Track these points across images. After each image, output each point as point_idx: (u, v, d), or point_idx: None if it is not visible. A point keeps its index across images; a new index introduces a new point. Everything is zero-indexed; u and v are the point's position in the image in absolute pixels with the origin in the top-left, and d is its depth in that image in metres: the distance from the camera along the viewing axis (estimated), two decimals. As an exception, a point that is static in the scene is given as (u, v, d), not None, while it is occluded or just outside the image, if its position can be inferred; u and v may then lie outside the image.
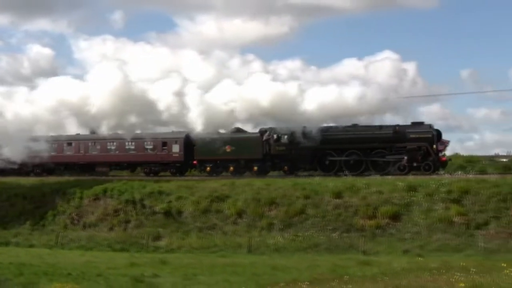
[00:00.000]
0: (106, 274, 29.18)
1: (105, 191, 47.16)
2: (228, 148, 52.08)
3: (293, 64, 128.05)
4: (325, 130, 50.73)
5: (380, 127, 50.09)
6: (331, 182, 44.25)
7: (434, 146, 47.71)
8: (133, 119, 51.60)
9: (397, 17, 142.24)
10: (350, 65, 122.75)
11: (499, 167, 57.26)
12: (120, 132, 54.29)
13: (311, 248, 38.29)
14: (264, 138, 52.26)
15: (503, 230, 37.52)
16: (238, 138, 53.20)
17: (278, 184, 45.36)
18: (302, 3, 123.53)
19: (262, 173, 51.83)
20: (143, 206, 44.97)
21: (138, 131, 53.81)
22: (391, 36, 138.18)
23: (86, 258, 35.83)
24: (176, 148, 55.29)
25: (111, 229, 43.89)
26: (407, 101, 59.10)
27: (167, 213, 43.78)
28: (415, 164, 47.72)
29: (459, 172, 45.83)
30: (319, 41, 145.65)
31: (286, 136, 51.34)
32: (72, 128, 56.96)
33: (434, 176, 44.76)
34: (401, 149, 48.44)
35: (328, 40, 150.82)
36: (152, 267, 32.06)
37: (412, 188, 41.40)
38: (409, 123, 50.09)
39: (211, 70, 54.81)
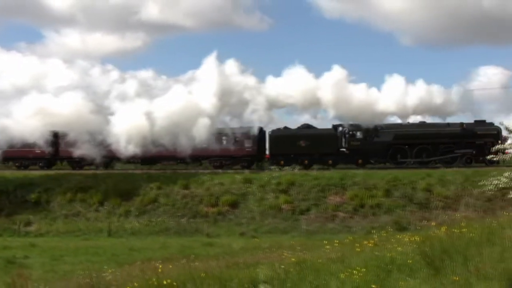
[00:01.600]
0: (-20, 257, 28.12)
1: (-20, 182, 45.18)
2: (302, 143, 48.89)
3: (147, 74, 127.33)
4: (397, 127, 49.71)
5: (448, 124, 49.07)
6: (180, 176, 44.37)
7: (500, 141, 45.41)
8: None
9: (236, 36, 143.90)
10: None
11: None
12: None
13: (163, 231, 38.17)
14: (339, 133, 50.26)
15: (321, 215, 38.74)
16: (313, 133, 49.94)
17: (135, 177, 45.03)
18: (153, 22, 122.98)
19: (336, 166, 49.05)
20: (16, 196, 43.42)
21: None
22: (230, 52, 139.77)
23: (-38, 243, 34.31)
24: (249, 143, 50.83)
25: (-15, 216, 42.11)
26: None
27: (37, 202, 42.43)
28: (481, 158, 46.68)
29: (286, 168, 46.53)
30: (169, 54, 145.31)
31: (360, 132, 49.53)
32: None
33: (266, 171, 45.55)
34: (470, 144, 47.54)
35: (177, 54, 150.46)
36: (23, 249, 31.01)
37: (248, 181, 42.06)
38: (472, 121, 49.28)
39: (75, 77, 52.67)
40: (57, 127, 50.34)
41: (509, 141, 32.46)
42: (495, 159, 32.45)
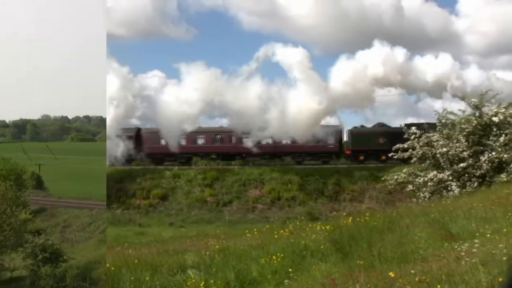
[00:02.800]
0: None
1: None
2: (381, 140, 47.51)
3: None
4: None
5: None
6: (114, 171, 43.83)
7: None
8: None
9: (165, 44, 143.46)
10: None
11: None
12: None
13: (99, 222, 37.77)
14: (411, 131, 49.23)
15: (242, 207, 39.16)
16: (390, 131, 48.20)
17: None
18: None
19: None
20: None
21: None
22: (159, 59, 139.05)
23: None
24: (331, 140, 49.39)
25: None
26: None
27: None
28: None
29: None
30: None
31: (432, 130, 48.34)
32: None
33: (193, 167, 45.50)
34: None
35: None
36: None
37: (176, 176, 42.08)
38: None
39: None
40: None
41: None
42: (395, 157, 33.20)
